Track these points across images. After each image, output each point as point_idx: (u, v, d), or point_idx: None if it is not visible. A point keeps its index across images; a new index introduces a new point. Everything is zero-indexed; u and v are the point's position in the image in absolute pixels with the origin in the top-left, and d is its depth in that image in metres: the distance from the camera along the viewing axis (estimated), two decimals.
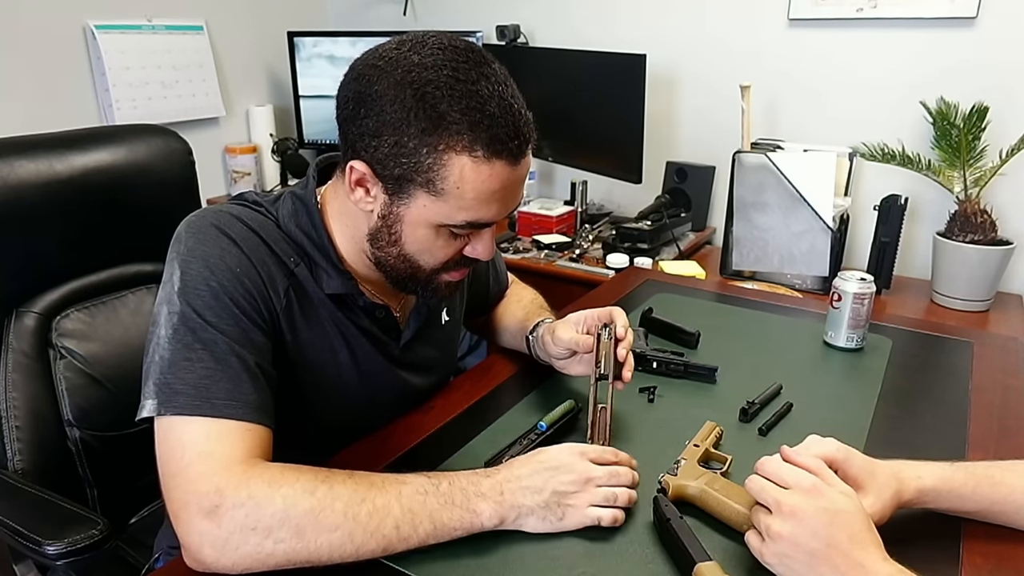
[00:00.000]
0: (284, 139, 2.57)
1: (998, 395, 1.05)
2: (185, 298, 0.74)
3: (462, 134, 0.72)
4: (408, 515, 0.68)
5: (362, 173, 0.77)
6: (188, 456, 0.68)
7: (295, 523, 0.65)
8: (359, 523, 0.67)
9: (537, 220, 2.11)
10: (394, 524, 0.68)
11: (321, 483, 0.68)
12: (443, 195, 0.75)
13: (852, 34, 1.90)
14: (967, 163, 1.66)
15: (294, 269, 0.83)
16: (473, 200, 0.75)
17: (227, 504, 0.65)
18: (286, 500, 0.66)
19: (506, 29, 2.32)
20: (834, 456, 0.71)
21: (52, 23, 2.02)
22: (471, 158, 0.73)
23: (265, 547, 0.65)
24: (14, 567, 0.95)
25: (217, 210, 0.83)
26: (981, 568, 0.71)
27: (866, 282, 1.17)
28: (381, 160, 0.75)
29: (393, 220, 0.79)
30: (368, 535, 0.67)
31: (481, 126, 0.72)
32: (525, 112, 0.76)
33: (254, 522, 0.65)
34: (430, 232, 0.79)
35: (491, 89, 0.73)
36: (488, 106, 0.72)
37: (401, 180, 0.76)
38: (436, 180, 0.74)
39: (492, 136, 0.73)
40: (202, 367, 0.72)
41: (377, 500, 0.68)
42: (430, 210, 0.77)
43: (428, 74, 0.72)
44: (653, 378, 1.08)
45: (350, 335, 0.89)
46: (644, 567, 0.70)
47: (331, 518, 0.66)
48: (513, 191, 0.79)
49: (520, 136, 0.75)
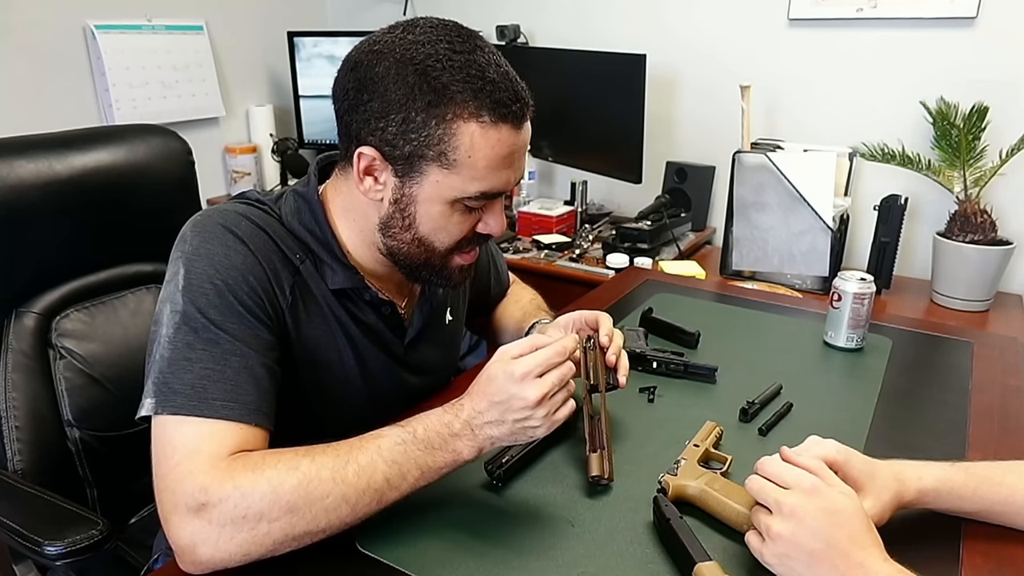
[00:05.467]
0: (284, 139, 2.57)
1: (998, 395, 1.05)
2: (189, 296, 0.74)
3: (467, 102, 0.74)
4: (394, 467, 0.70)
5: (371, 159, 0.78)
6: (177, 456, 0.68)
7: (286, 500, 0.66)
8: (348, 484, 0.68)
9: (537, 220, 2.11)
10: (383, 477, 0.69)
11: (303, 457, 0.69)
12: (456, 166, 0.76)
13: (852, 34, 1.90)
14: (967, 163, 1.66)
15: (299, 266, 0.83)
16: (485, 168, 0.77)
17: (213, 499, 0.65)
18: (271, 481, 0.66)
19: (506, 29, 2.32)
20: (834, 457, 0.71)
21: (52, 23, 2.02)
22: (479, 124, 0.75)
23: (260, 530, 0.65)
24: (14, 567, 0.95)
25: (222, 209, 0.83)
26: (981, 568, 0.71)
27: (866, 282, 1.17)
28: (390, 141, 0.76)
29: (407, 203, 0.80)
30: (360, 493, 0.68)
31: (484, 92, 0.74)
32: (519, 80, 0.79)
33: (244, 510, 0.65)
34: (445, 209, 0.79)
35: (487, 58, 0.76)
36: (487, 73, 0.75)
37: (412, 158, 0.77)
38: (448, 151, 0.75)
39: (496, 100, 0.75)
40: (201, 367, 0.72)
41: (361, 459, 0.69)
42: (443, 185, 0.77)
43: (426, 49, 0.74)
44: (653, 378, 1.08)
45: (354, 333, 0.88)
46: (644, 567, 0.70)
47: (320, 487, 0.67)
48: (519, 157, 0.81)
49: (520, 100, 0.77)
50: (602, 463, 0.81)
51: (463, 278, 0.90)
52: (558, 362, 0.74)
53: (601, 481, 0.80)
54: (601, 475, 0.80)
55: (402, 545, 0.72)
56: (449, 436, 0.72)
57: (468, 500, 0.80)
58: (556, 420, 0.73)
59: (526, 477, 0.84)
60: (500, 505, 0.79)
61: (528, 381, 0.71)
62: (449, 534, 0.74)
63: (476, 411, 0.73)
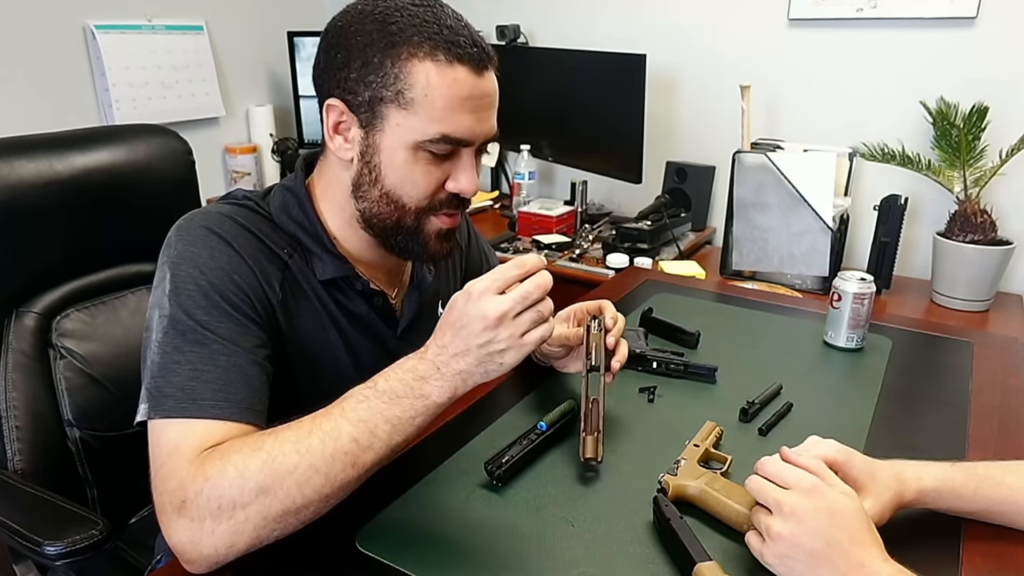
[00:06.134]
0: (284, 139, 2.57)
1: (998, 395, 1.05)
2: (175, 300, 0.74)
3: (422, 43, 0.76)
4: (360, 425, 0.67)
5: (339, 112, 0.80)
6: (163, 457, 0.68)
7: (254, 482, 0.64)
8: (315, 453, 0.65)
9: (537, 220, 2.11)
10: (350, 438, 0.66)
11: (267, 437, 0.67)
12: (413, 106, 0.77)
13: (852, 34, 1.90)
14: (967, 163, 1.66)
15: (288, 260, 0.84)
16: (443, 108, 0.77)
17: (190, 495, 0.65)
18: (237, 466, 0.65)
19: (506, 29, 2.32)
20: (834, 458, 0.71)
21: (52, 23, 2.02)
22: (434, 62, 0.76)
23: (237, 517, 0.64)
24: (14, 567, 0.95)
25: (206, 211, 0.83)
26: (981, 568, 0.71)
27: (866, 282, 1.17)
28: (351, 88, 0.78)
29: (372, 153, 0.80)
30: (329, 459, 0.66)
31: (440, 36, 0.76)
32: (482, 38, 0.80)
33: (217, 500, 0.64)
34: (408, 156, 0.79)
35: (446, 12, 0.79)
36: (444, 21, 0.78)
37: (372, 102, 0.78)
38: (404, 90, 0.76)
39: (450, 42, 0.76)
40: (190, 369, 0.72)
41: (324, 425, 0.67)
42: (404, 128, 0.78)
43: (389, 3, 0.78)
44: (653, 378, 1.08)
45: (345, 325, 0.88)
46: (644, 567, 0.70)
47: (285, 461, 0.65)
48: (483, 107, 0.80)
49: (478, 46, 0.78)
50: (596, 446, 0.82)
51: (440, 248, 0.87)
52: (517, 275, 0.69)
53: (592, 463, 0.81)
54: (595, 457, 0.81)
55: (402, 545, 0.72)
56: (414, 381, 0.69)
57: (468, 500, 0.80)
58: (525, 343, 0.68)
59: (526, 477, 0.84)
60: (500, 505, 0.79)
61: (486, 297, 0.67)
62: (449, 534, 0.74)
63: (440, 346, 0.69)
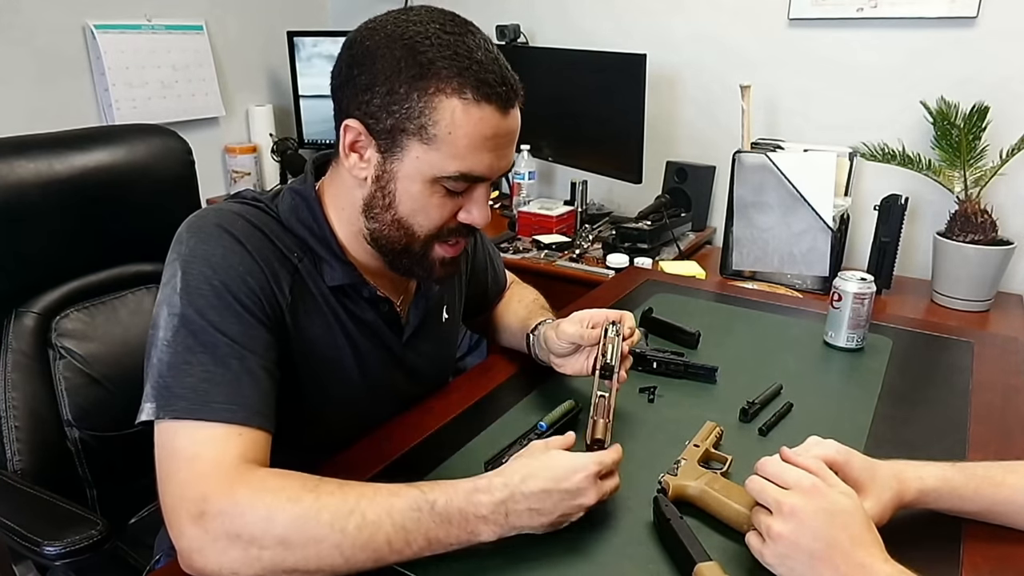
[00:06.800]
0: (284, 139, 2.57)
1: (998, 395, 1.05)
2: (187, 299, 0.73)
3: (451, 78, 0.74)
4: (401, 532, 0.65)
5: (356, 132, 0.78)
6: (180, 461, 0.68)
7: (279, 532, 0.63)
8: (347, 536, 0.64)
9: (537, 220, 2.11)
10: (386, 539, 0.65)
11: (308, 492, 0.66)
12: (435, 142, 0.76)
13: (852, 34, 1.89)
14: (967, 163, 1.66)
15: (297, 264, 0.83)
16: (465, 147, 0.76)
17: (212, 510, 0.64)
18: (269, 509, 0.64)
19: (506, 29, 2.32)
20: (834, 458, 0.71)
21: (52, 23, 2.02)
22: (461, 100, 0.74)
23: (251, 554, 0.64)
24: (14, 567, 0.95)
25: (218, 209, 0.82)
26: (981, 569, 0.71)
27: (866, 282, 1.17)
28: (374, 113, 0.77)
29: (387, 180, 0.79)
30: (357, 549, 0.64)
31: (469, 71, 0.74)
32: (510, 69, 0.79)
33: (238, 529, 0.64)
34: (424, 188, 0.79)
35: (476, 42, 0.76)
36: (475, 54, 0.75)
37: (394, 131, 0.77)
38: (428, 126, 0.75)
39: (480, 79, 0.74)
40: (201, 370, 0.71)
41: (368, 514, 0.65)
42: (423, 161, 0.77)
43: (417, 28, 0.76)
44: (653, 378, 1.07)
45: (353, 331, 0.88)
46: (644, 567, 0.70)
47: (316, 529, 0.64)
48: (504, 144, 0.79)
49: (507, 84, 0.77)
50: (606, 430, 0.82)
51: (445, 272, 0.88)
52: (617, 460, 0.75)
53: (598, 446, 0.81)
54: (603, 439, 0.81)
55: None
56: (473, 516, 0.67)
57: None
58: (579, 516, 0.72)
59: None
60: None
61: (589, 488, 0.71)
62: None
63: (521, 493, 0.68)
